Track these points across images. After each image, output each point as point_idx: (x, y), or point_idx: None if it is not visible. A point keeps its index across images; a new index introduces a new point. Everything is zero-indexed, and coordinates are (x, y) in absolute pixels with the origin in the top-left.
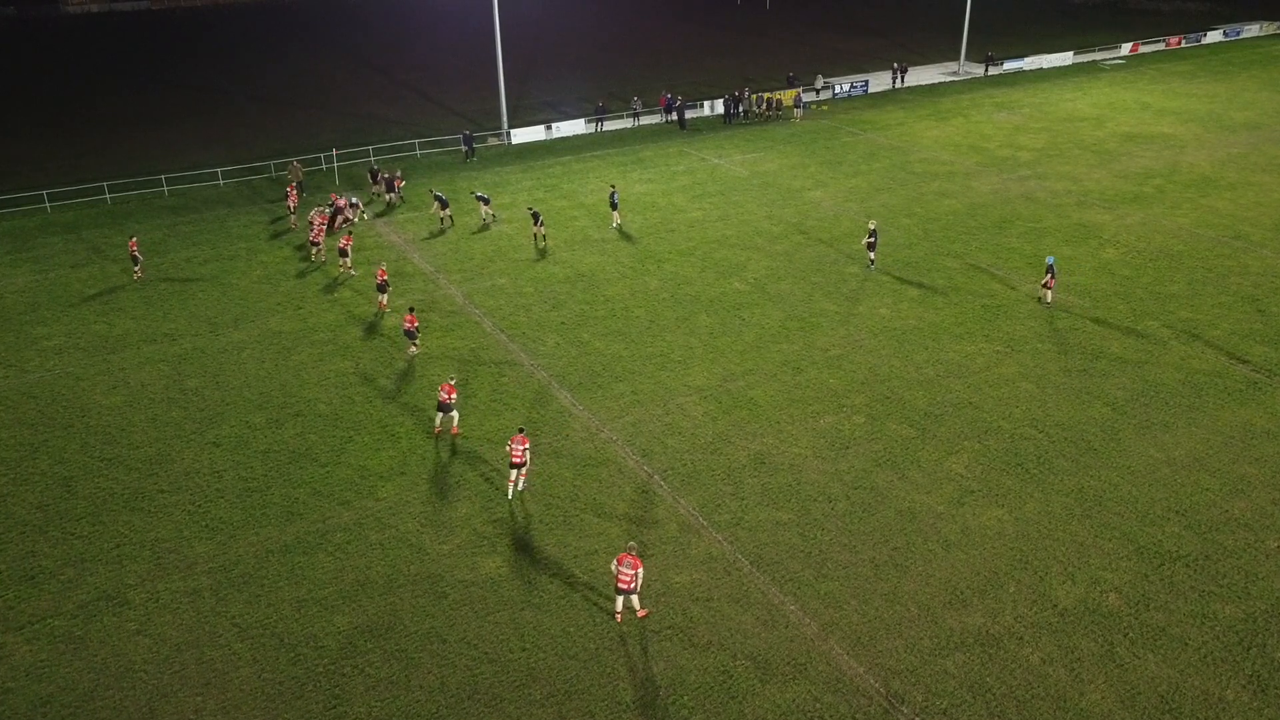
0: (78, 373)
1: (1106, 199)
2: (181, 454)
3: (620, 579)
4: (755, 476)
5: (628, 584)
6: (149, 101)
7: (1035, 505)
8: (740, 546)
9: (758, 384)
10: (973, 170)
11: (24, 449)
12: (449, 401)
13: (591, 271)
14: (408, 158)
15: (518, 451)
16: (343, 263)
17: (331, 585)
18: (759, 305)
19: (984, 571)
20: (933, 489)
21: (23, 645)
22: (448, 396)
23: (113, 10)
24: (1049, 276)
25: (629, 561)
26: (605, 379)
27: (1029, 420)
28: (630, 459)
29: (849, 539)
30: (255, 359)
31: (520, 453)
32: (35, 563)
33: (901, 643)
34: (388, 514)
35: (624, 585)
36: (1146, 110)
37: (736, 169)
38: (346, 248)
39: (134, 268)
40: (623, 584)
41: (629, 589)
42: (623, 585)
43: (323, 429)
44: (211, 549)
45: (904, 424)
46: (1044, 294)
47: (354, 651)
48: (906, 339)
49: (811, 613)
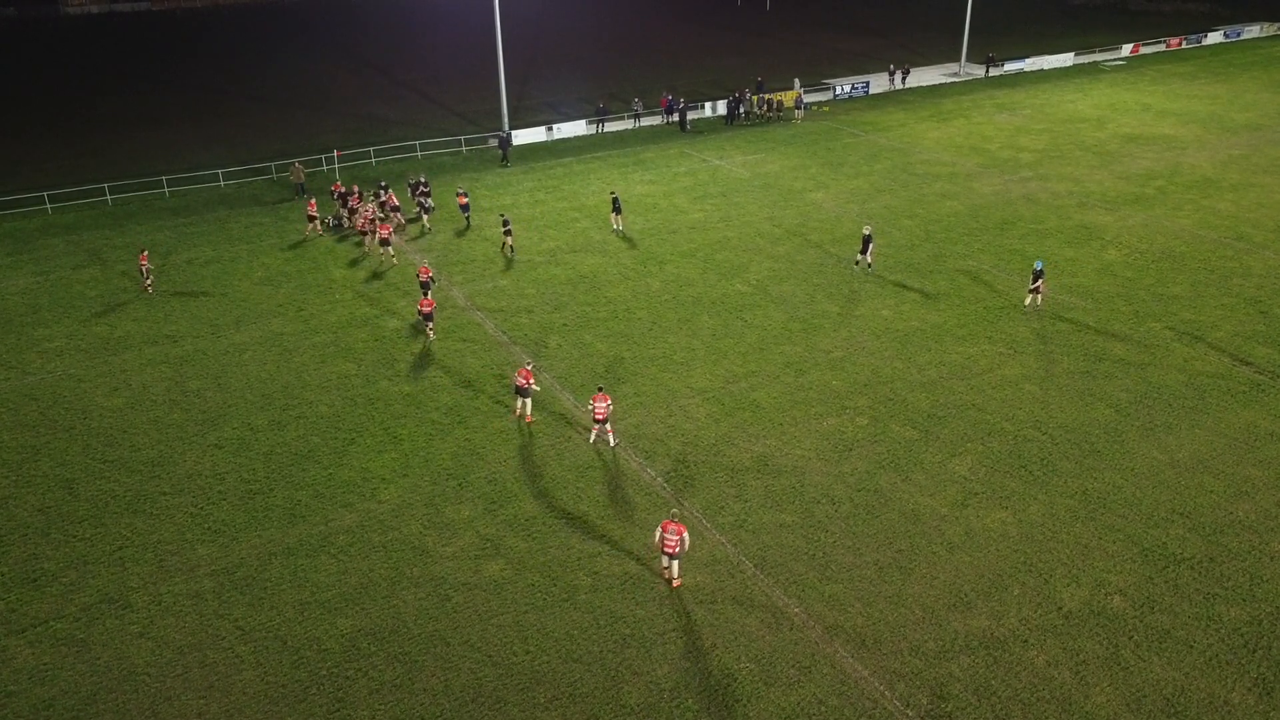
0: (79, 374)
1: (1108, 200)
2: (184, 456)
3: (666, 544)
4: (758, 479)
5: (673, 548)
6: (149, 102)
7: (1039, 507)
8: (744, 549)
9: (760, 386)
10: (974, 171)
11: (25, 451)
12: (526, 386)
13: (593, 273)
14: (409, 159)
15: (600, 409)
16: (384, 251)
17: (334, 588)
18: (761, 307)
19: (988, 574)
20: (936, 491)
21: (25, 648)
22: (525, 382)
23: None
24: (1038, 281)
25: (673, 529)
26: (607, 381)
27: (1032, 422)
28: (633, 461)
29: (853, 541)
30: (257, 360)
31: (603, 409)
32: (38, 565)
33: (906, 645)
34: (390, 516)
35: (670, 550)
36: (1148, 111)
37: (738, 170)
38: (389, 236)
39: (144, 280)
40: (669, 549)
41: (674, 553)
42: (669, 550)
43: (325, 431)
44: (214, 551)
45: (907, 426)
46: (1032, 299)
47: (357, 654)
48: (909, 341)
49: (816, 615)
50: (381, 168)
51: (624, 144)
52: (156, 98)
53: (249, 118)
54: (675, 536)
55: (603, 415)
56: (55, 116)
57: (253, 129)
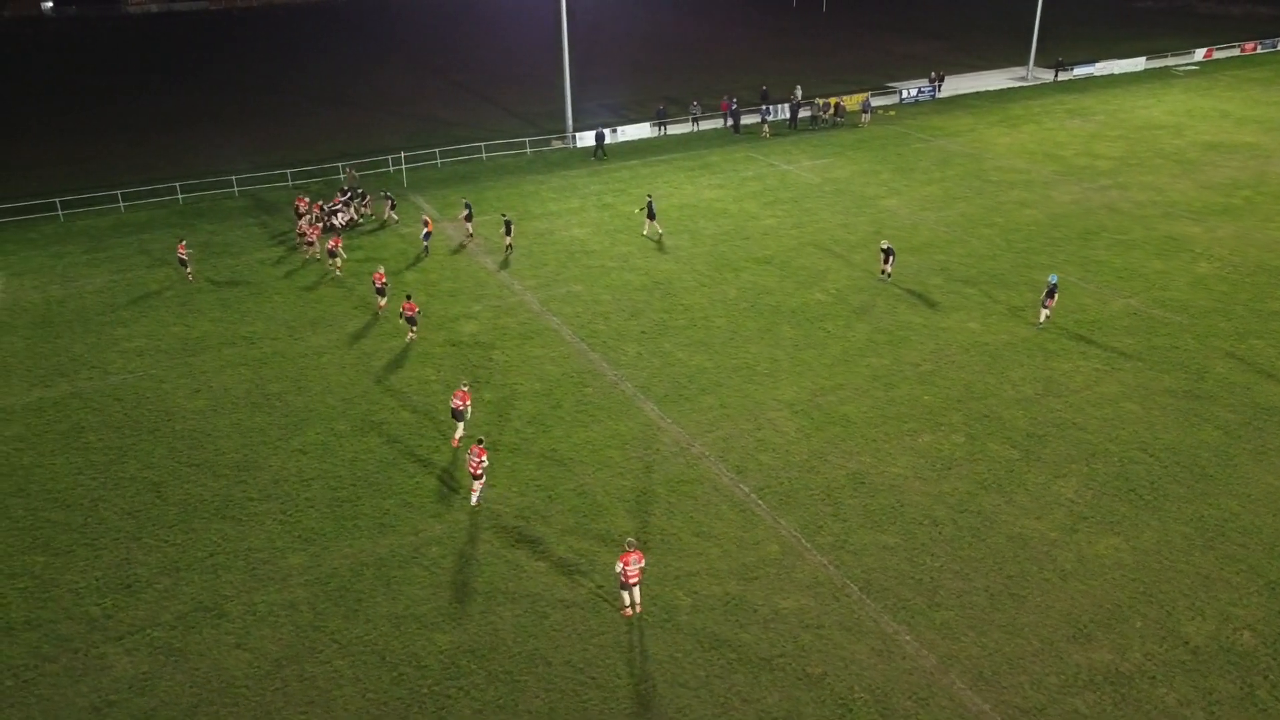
0: (160, 375)
1: (1194, 210)
2: (268, 460)
3: (627, 576)
4: (855, 497)
5: (634, 579)
6: (212, 100)
7: (1153, 534)
8: (846, 571)
9: (849, 399)
10: (1050, 179)
11: (113, 453)
12: (462, 409)
13: (668, 279)
14: (473, 160)
15: (473, 463)
16: (332, 262)
17: (429, 601)
18: (842, 317)
19: (1105, 604)
20: (1043, 514)
21: (123, 656)
22: (461, 404)
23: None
24: (1050, 297)
25: (633, 558)
26: (691, 391)
27: (1137, 443)
28: (724, 476)
29: (960, 566)
30: (335, 364)
31: (476, 464)
32: (130, 571)
33: (1026, 679)
34: (480, 528)
35: (631, 580)
36: (1226, 118)
37: (806, 175)
38: (337, 249)
39: (185, 270)
40: (630, 579)
41: (633, 583)
42: (627, 579)
43: (408, 438)
44: (305, 560)
45: (1005, 444)
46: (1042, 314)
47: (458, 672)
48: (999, 355)
49: (928, 644)
50: (447, 170)
51: (687, 147)
52: (219, 96)
53: (310, 117)
54: (638, 565)
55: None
56: (123, 114)
57: (313, 128)
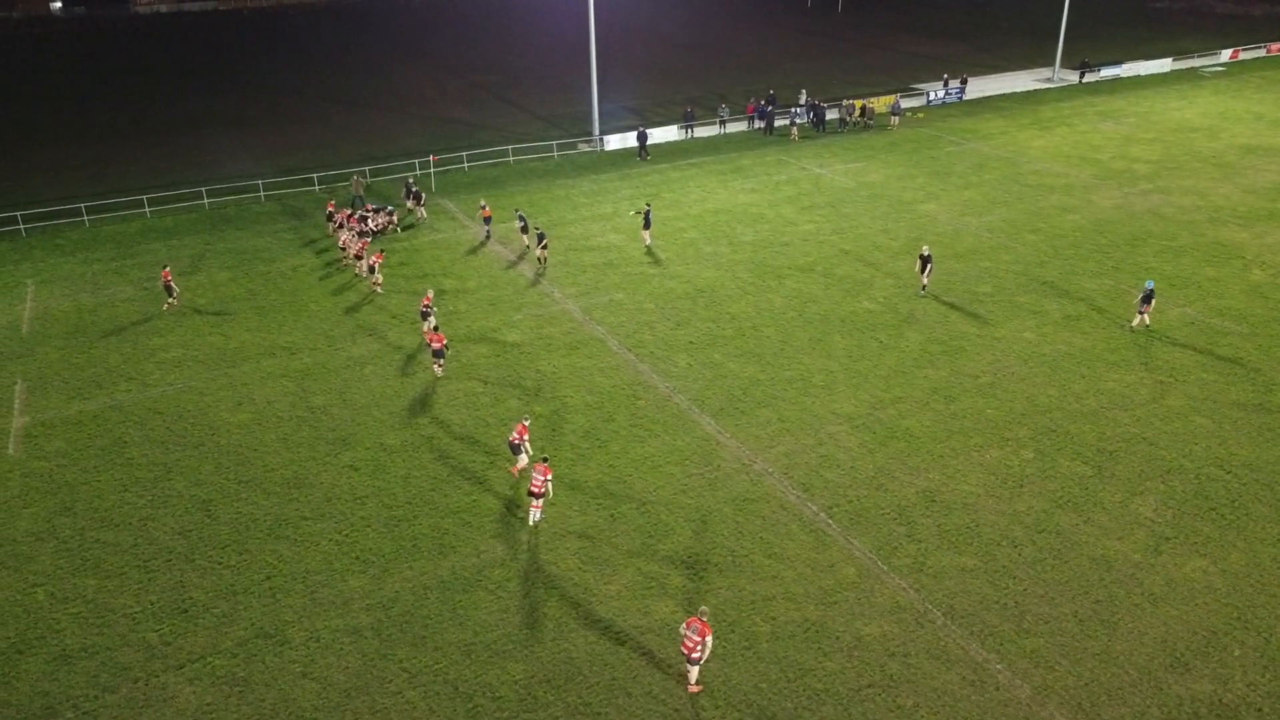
0: (200, 387)
1: (1240, 216)
2: (319, 477)
3: (686, 644)
4: (928, 516)
5: (693, 650)
6: (229, 103)
7: (1240, 556)
8: (928, 595)
9: (910, 413)
10: (1090, 183)
11: (158, 469)
12: (518, 442)
13: (711, 287)
14: (500, 164)
15: (538, 481)
16: (372, 278)
17: (498, 628)
18: (894, 326)
19: (1200, 630)
20: (1123, 534)
21: (185, 685)
22: (518, 438)
23: (181, 10)
24: (1146, 303)
25: (696, 626)
26: (747, 404)
27: (1212, 459)
28: (790, 494)
29: (1044, 589)
30: (379, 375)
31: (540, 483)
32: (186, 595)
33: (1128, 711)
34: (543, 548)
35: (689, 651)
36: (1261, 121)
37: (840, 179)
38: (376, 266)
39: (168, 298)
40: (686, 649)
41: (695, 658)
42: (686, 650)
43: (461, 453)
44: (366, 583)
45: (1077, 460)
46: (1139, 319)
47: (535, 704)
48: (1059, 366)
49: (1021, 673)
50: (474, 173)
51: (716, 150)
52: (236, 98)
53: (330, 120)
54: (698, 637)
55: (539, 488)
56: (138, 115)
57: (335, 130)
